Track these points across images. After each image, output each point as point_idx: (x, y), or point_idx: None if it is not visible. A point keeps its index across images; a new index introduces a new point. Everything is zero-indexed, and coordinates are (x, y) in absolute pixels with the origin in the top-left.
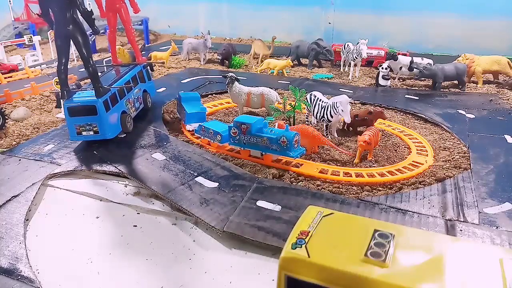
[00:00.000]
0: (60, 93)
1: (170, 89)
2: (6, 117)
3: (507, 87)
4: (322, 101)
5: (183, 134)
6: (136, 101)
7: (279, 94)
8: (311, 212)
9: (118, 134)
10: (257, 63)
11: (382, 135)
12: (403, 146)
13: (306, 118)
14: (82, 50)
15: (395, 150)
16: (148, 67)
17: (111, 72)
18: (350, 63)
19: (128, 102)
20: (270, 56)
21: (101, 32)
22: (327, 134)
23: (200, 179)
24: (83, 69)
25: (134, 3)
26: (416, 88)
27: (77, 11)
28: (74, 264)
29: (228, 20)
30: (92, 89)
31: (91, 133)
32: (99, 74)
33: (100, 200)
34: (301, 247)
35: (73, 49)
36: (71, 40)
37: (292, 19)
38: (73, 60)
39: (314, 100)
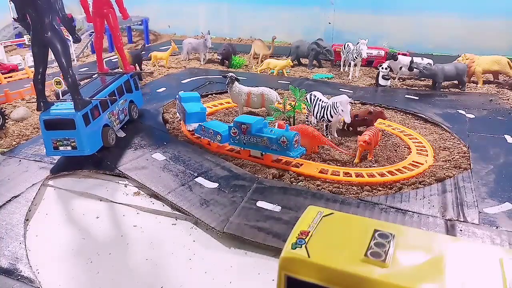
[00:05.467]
0: (37, 104)
1: (170, 89)
2: (6, 117)
3: (507, 87)
4: (322, 101)
5: (183, 134)
6: (121, 112)
7: (279, 94)
8: (311, 212)
9: (97, 150)
10: (257, 63)
11: (382, 135)
12: (403, 146)
13: (306, 118)
14: (61, 59)
15: (395, 150)
16: (136, 77)
17: (97, 81)
18: (350, 63)
19: (111, 115)
20: (270, 56)
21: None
22: (327, 134)
23: (200, 180)
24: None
25: (123, 9)
26: (416, 88)
27: (57, 17)
28: (74, 264)
29: (228, 20)
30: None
31: (69, 148)
32: (85, 81)
33: (100, 200)
34: (301, 247)
35: (74, 55)
36: (49, 48)
37: (292, 19)
38: (73, 60)
39: (314, 100)
